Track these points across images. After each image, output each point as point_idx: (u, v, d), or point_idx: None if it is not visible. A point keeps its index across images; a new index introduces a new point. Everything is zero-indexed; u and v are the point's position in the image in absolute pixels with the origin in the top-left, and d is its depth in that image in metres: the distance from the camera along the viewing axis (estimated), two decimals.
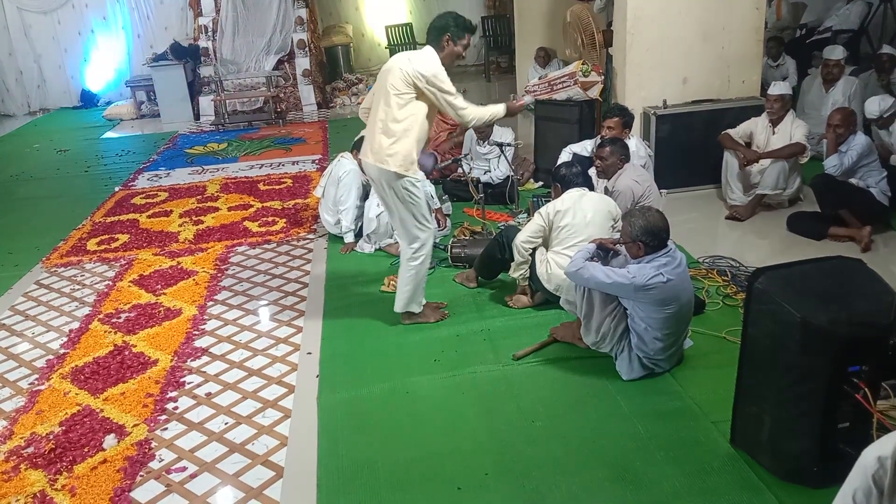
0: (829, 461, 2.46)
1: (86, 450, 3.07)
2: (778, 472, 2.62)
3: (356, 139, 5.32)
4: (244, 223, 5.84)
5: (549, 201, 4.18)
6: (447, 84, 3.52)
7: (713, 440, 2.86)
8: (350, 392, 3.38)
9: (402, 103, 3.54)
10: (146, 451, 3.05)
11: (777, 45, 7.93)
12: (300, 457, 2.95)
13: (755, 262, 4.26)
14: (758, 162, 5.25)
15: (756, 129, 5.35)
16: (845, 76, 6.35)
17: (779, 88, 5.26)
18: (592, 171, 4.58)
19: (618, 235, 3.62)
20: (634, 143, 4.98)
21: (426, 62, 3.54)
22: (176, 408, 3.37)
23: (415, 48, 12.51)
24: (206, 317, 4.26)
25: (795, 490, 2.56)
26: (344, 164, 5.17)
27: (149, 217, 6.17)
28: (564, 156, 5.23)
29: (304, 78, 10.59)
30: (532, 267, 3.95)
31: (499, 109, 3.69)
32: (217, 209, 6.26)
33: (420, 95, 3.55)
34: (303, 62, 10.58)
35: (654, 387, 3.23)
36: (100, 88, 12.19)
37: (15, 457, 3.06)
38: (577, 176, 4.03)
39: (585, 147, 5.22)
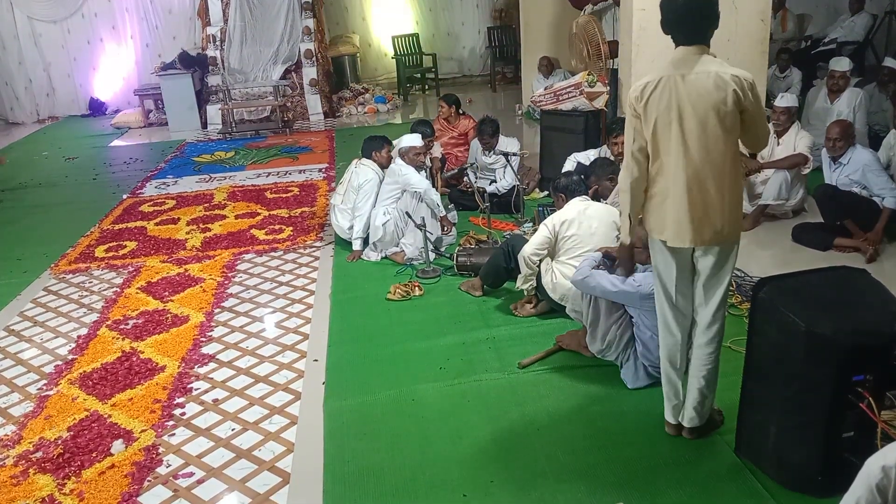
0: (833, 471, 2.48)
1: (94, 455, 3.09)
2: (782, 481, 2.63)
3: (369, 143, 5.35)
4: (251, 231, 5.87)
5: (553, 211, 4.20)
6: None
7: (718, 449, 2.87)
8: (356, 399, 3.40)
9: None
10: (154, 456, 3.07)
11: (787, 56, 7.98)
12: (306, 463, 2.97)
13: (760, 272, 4.27)
14: (759, 172, 5.26)
15: None
16: (850, 87, 6.37)
17: (786, 101, 5.29)
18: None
19: None
20: None
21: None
22: (183, 413, 3.39)
23: (421, 59, 12.79)
24: (213, 323, 4.28)
25: (800, 499, 2.57)
26: (364, 171, 5.18)
27: (156, 224, 6.21)
28: (569, 164, 5.25)
29: (310, 87, 10.63)
30: (537, 277, 3.96)
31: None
32: (224, 217, 6.29)
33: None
34: (310, 72, 10.63)
35: (660, 395, 3.22)
36: (108, 97, 12.27)
37: (24, 461, 3.09)
38: (579, 184, 4.06)
39: (588, 156, 5.23)
